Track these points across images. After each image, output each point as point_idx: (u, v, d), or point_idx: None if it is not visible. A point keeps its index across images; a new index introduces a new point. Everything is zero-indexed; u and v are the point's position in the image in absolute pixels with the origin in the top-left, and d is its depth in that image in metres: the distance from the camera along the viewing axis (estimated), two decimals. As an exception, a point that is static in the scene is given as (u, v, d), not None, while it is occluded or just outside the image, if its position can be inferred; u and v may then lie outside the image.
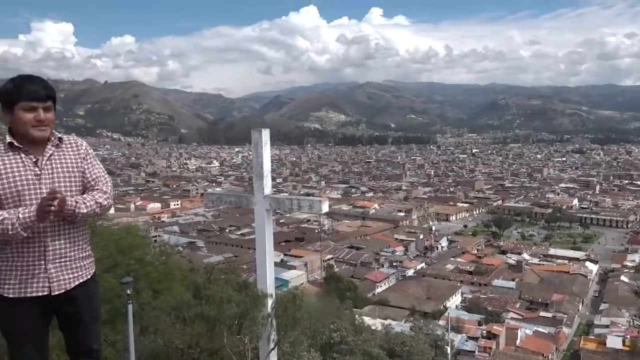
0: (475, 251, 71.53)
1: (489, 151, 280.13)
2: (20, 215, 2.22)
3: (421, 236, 75.81)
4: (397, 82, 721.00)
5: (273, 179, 5.31)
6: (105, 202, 2.46)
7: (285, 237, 71.84)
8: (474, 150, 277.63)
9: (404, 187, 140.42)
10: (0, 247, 2.40)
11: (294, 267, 54.96)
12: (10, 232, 2.22)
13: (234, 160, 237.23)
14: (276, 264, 6.84)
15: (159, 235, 62.38)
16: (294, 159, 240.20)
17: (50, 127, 2.41)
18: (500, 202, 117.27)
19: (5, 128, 2.45)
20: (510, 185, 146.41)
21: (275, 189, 5.37)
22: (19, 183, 2.32)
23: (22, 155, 2.37)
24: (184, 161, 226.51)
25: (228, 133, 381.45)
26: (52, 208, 2.20)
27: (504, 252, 70.10)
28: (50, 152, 2.43)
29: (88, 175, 2.50)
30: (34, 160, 2.38)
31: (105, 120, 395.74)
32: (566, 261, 63.34)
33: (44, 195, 2.31)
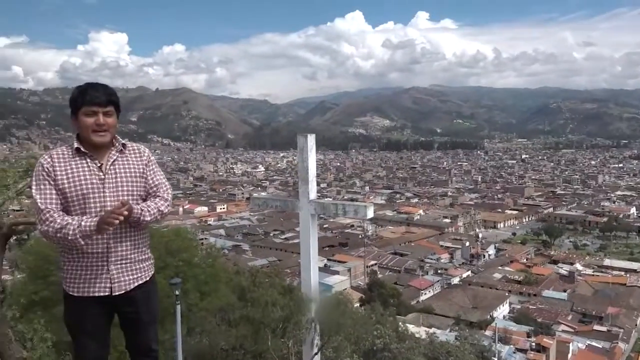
0: (525, 260, 69.24)
1: (540, 157, 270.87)
2: (83, 223, 2.30)
3: (467, 243, 74.18)
4: (444, 87, 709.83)
5: (317, 184, 5.32)
6: (166, 210, 2.53)
7: (329, 242, 71.89)
8: (523, 156, 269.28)
9: (449, 193, 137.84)
10: (65, 248, 2.50)
11: (337, 272, 54.89)
12: (69, 238, 2.31)
13: (279, 165, 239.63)
14: (320, 269, 6.84)
15: (206, 238, 63.73)
16: (338, 164, 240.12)
17: (110, 132, 2.47)
18: (551, 209, 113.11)
19: (73, 135, 2.57)
20: (562, 192, 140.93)
21: (319, 194, 5.39)
22: (84, 187, 2.40)
23: (88, 160, 2.45)
24: (231, 166, 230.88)
25: (273, 138, 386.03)
26: (119, 220, 2.28)
27: (555, 262, 67.53)
28: (114, 157, 2.50)
29: (150, 181, 2.57)
30: (99, 165, 2.45)
31: (156, 126, 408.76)
32: (623, 273, 60.32)
33: (107, 198, 2.40)
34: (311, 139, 5.10)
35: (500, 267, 63.54)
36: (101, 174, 2.45)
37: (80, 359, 2.66)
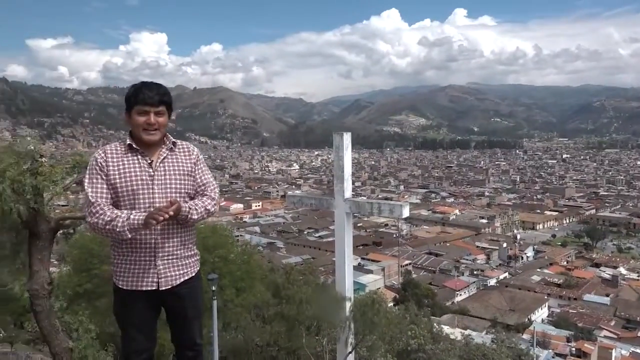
0: (565, 263, 67.23)
1: (582, 157, 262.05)
2: (132, 217, 2.38)
3: (505, 245, 72.59)
4: (482, 85, 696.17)
5: (351, 182, 5.33)
6: (213, 209, 2.60)
7: (363, 241, 71.68)
8: (564, 156, 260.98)
9: (486, 193, 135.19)
10: (115, 242, 2.60)
11: (371, 272, 54.70)
12: (117, 231, 2.39)
13: (314, 163, 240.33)
14: (353, 268, 6.84)
15: (241, 235, 64.59)
16: (373, 162, 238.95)
17: (160, 131, 2.54)
18: (593, 211, 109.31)
19: (125, 132, 2.67)
20: (606, 193, 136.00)
21: (353, 193, 5.40)
22: (134, 182, 2.48)
23: (139, 156, 2.54)
24: (266, 164, 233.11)
25: (308, 136, 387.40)
26: (165, 217, 2.35)
27: (597, 265, 65.31)
28: (164, 155, 2.58)
29: (198, 180, 2.64)
30: (149, 161, 2.54)
31: (193, 124, 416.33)
32: (670, 277, 57.80)
33: (156, 195, 2.48)
34: (347, 138, 5.12)
35: (539, 270, 62.03)
36: (151, 170, 2.52)
37: (127, 350, 2.74)
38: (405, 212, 4.92)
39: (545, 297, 50.23)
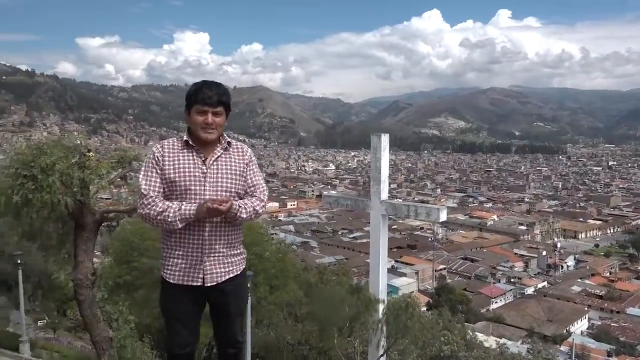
0: (608, 274, 64.90)
1: (629, 164, 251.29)
2: (183, 207, 2.47)
3: (544, 253, 70.66)
4: (525, 88, 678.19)
5: (388, 184, 5.30)
6: (261, 211, 2.65)
7: (397, 244, 71.06)
8: (610, 163, 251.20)
9: (526, 199, 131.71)
10: (165, 236, 2.69)
11: (404, 275, 54.21)
12: (169, 221, 2.48)
13: (350, 164, 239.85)
14: (387, 270, 6.78)
15: (276, 234, 65.07)
16: (410, 165, 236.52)
17: (217, 131, 2.61)
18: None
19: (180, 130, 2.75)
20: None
21: (389, 195, 5.37)
22: (187, 178, 2.56)
23: (194, 153, 2.62)
24: (302, 163, 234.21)
25: (345, 137, 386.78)
26: (215, 208, 2.40)
27: (642, 278, 62.85)
28: (219, 154, 2.65)
29: (249, 180, 2.69)
30: (203, 159, 2.61)
31: (232, 123, 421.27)
32: None
33: (207, 191, 2.55)
34: (385, 139, 5.10)
35: (579, 280, 60.13)
36: (204, 168, 2.59)
37: (171, 344, 2.82)
38: (443, 216, 4.87)
39: (586, 309, 48.64)
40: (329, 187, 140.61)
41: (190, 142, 2.62)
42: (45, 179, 4.37)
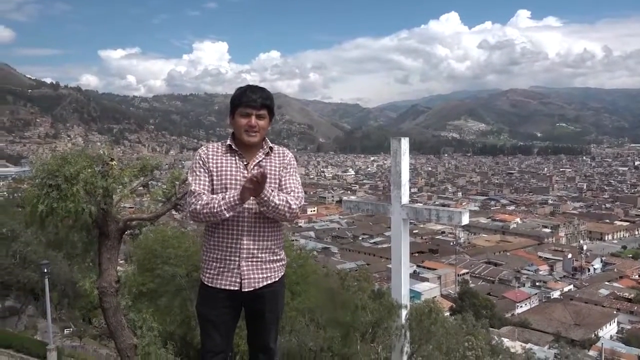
0: (637, 276, 63.24)
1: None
2: (227, 195, 2.48)
3: (570, 256, 69.32)
4: (546, 88, 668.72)
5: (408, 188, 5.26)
6: (295, 206, 2.56)
7: (419, 248, 70.51)
8: (637, 163, 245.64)
9: (550, 201, 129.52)
10: (205, 239, 2.72)
11: (426, 280, 53.74)
12: (215, 211, 2.47)
13: (369, 169, 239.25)
14: (409, 275, 6.72)
15: (296, 240, 65.15)
16: (430, 168, 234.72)
17: (260, 134, 2.63)
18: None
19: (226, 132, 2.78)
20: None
21: (410, 199, 5.32)
22: (228, 181, 2.59)
23: (237, 157, 2.65)
24: (321, 169, 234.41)
25: (364, 142, 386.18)
26: (258, 180, 2.35)
27: (673, 280, 61.09)
28: (260, 158, 2.66)
29: (284, 183, 2.65)
30: (245, 163, 2.64)
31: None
32: None
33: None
34: (405, 143, 5.07)
35: (607, 283, 58.72)
36: (245, 172, 2.61)
37: (204, 347, 2.82)
38: (465, 220, 4.81)
39: (615, 312, 47.51)
40: (349, 192, 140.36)
41: (233, 146, 2.65)
42: (69, 188, 4.44)
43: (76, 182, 4.47)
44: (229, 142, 2.67)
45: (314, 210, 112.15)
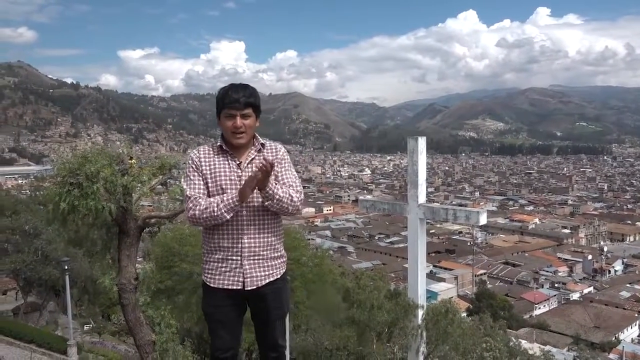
0: (660, 279, 61.99)
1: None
2: (226, 197, 2.48)
3: (590, 257, 68.22)
4: (566, 87, 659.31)
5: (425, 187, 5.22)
6: (296, 199, 2.55)
7: (435, 248, 70.05)
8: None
9: (570, 202, 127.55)
10: (205, 240, 2.71)
11: (443, 280, 53.38)
12: (215, 214, 2.47)
13: (385, 168, 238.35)
14: (426, 275, 6.67)
15: (312, 239, 65.26)
16: (447, 168, 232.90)
17: (247, 134, 2.59)
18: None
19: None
20: None
21: (427, 198, 5.29)
22: (223, 182, 2.57)
23: (229, 158, 2.63)
24: (338, 168, 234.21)
25: (380, 141, 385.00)
26: (264, 169, 2.34)
27: (697, 283, 59.69)
28: (253, 156, 2.64)
29: (281, 178, 2.62)
30: (238, 162, 2.62)
31: (268, 129, 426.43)
32: None
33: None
34: (422, 142, 5.04)
35: (629, 285, 57.65)
36: (239, 171, 2.60)
37: (213, 346, 2.85)
38: (483, 219, 4.77)
39: (636, 315, 46.59)
40: (365, 191, 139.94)
41: (224, 147, 2.63)
42: (90, 186, 4.52)
43: (97, 180, 4.55)
44: (219, 143, 2.64)
45: (330, 210, 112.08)
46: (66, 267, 15.95)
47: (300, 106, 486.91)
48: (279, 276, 2.74)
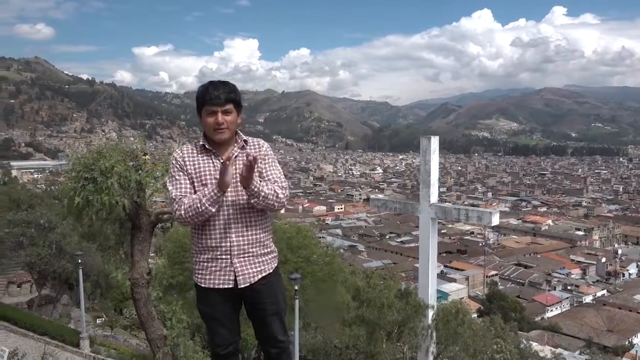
0: (674, 283, 61.08)
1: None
2: (206, 191, 2.46)
3: (604, 260, 67.33)
4: (581, 87, 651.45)
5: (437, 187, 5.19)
6: (282, 195, 2.51)
7: (447, 248, 69.69)
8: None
9: (584, 204, 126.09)
10: (194, 240, 2.69)
11: (454, 280, 53.14)
12: (200, 210, 2.46)
13: (397, 167, 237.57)
14: (436, 275, 6.63)
15: (323, 237, 65.28)
16: (460, 168, 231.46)
17: (229, 129, 2.57)
18: None
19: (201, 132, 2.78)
20: None
21: (439, 198, 5.27)
22: (209, 181, 2.55)
23: (212, 156, 2.62)
24: (349, 167, 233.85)
25: (393, 140, 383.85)
26: (251, 164, 2.31)
27: None
28: (235, 153, 2.61)
29: (265, 174, 2.59)
30: (221, 161, 2.56)
31: (280, 127, 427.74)
32: None
33: (227, 192, 2.51)
34: (434, 141, 5.02)
35: (643, 289, 56.85)
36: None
37: (212, 342, 2.86)
38: (495, 220, 4.74)
39: (650, 319, 45.91)
40: (377, 190, 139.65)
41: (206, 145, 2.62)
42: (104, 181, 4.57)
43: (111, 175, 4.60)
44: (201, 142, 2.63)
45: (341, 208, 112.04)
46: (80, 261, 16.16)
47: (313, 104, 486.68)
48: (270, 271, 2.73)
